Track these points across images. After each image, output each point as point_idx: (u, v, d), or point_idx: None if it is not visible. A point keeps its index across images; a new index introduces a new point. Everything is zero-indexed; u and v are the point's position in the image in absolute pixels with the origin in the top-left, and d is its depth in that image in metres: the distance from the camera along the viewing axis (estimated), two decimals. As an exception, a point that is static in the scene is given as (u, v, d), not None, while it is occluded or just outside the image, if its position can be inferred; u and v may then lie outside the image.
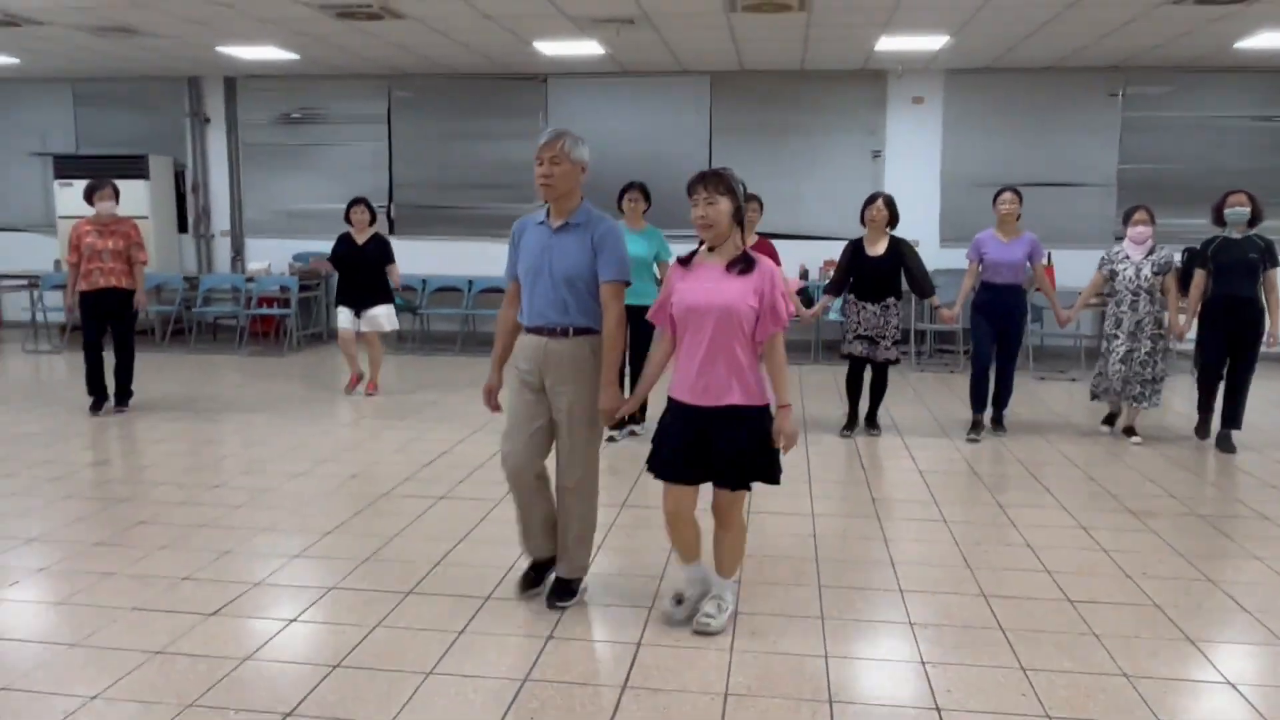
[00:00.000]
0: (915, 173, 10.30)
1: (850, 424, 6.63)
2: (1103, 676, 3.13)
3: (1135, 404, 6.27)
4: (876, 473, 5.70)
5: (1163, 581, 3.96)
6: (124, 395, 7.19)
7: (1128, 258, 6.22)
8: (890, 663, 3.25)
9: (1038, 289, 6.77)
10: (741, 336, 3.19)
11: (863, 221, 6.40)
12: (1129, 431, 6.42)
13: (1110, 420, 6.67)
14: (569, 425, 3.49)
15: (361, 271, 7.68)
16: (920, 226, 9.88)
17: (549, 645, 3.33)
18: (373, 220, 7.76)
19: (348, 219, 7.71)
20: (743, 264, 3.22)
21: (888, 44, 8.83)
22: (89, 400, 7.06)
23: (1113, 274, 6.29)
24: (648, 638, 3.40)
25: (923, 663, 3.23)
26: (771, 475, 3.30)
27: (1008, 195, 6.29)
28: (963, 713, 2.90)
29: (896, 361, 6.49)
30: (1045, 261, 6.81)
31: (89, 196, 6.98)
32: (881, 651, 3.34)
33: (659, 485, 3.39)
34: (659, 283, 6.00)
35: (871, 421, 6.65)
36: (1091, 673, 3.16)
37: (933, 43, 8.78)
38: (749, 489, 3.30)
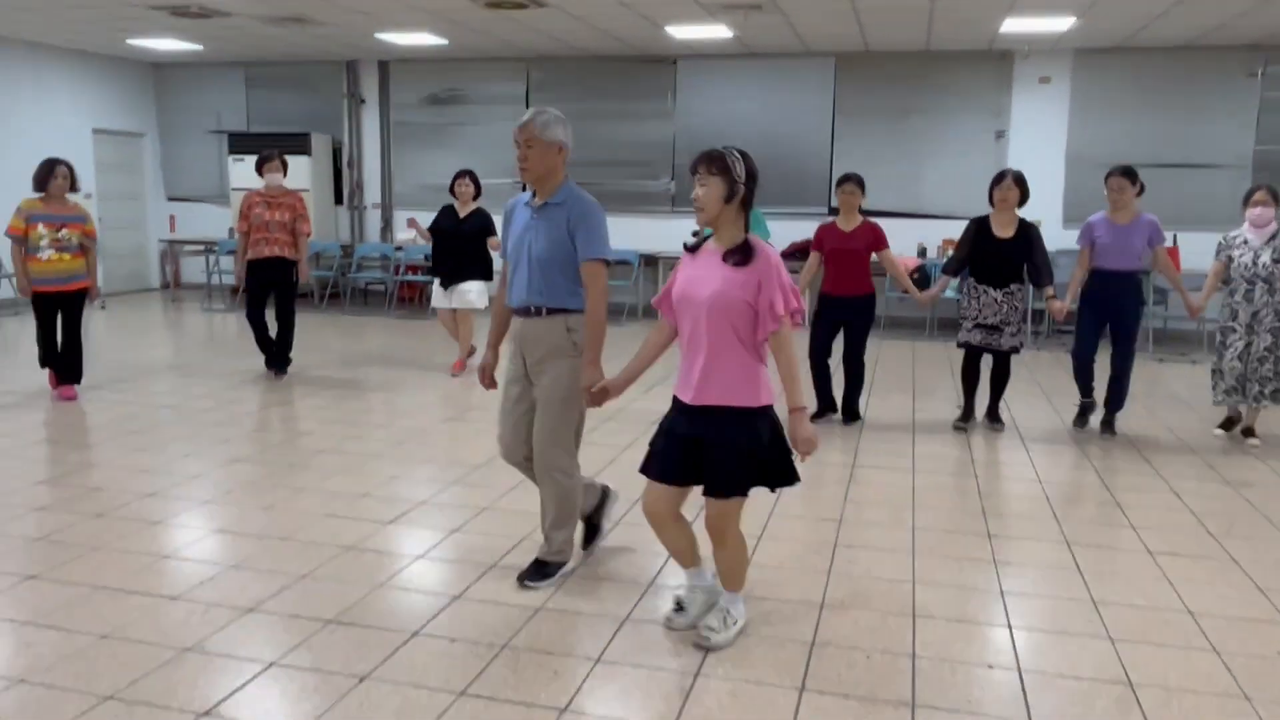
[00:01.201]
0: (1040, 153, 10.34)
1: (965, 416, 6.26)
2: (1168, 612, 3.47)
3: (1256, 404, 5.82)
4: (978, 439, 6.00)
5: (1243, 540, 4.21)
6: (283, 363, 7.43)
7: (1246, 242, 5.79)
8: (971, 590, 3.66)
9: (1158, 271, 6.29)
10: (735, 332, 2.94)
11: (991, 201, 5.97)
12: (1248, 433, 5.96)
13: (1228, 425, 6.14)
14: (544, 403, 3.48)
15: (458, 245, 7.45)
16: (1044, 207, 9.94)
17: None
18: (477, 194, 7.51)
19: (452, 191, 7.49)
20: (739, 254, 2.94)
21: (1013, 25, 8.94)
22: (262, 359, 7.52)
23: (1230, 260, 5.86)
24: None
25: (1001, 592, 3.62)
26: (785, 477, 3.05)
27: (1120, 178, 5.86)
28: (1032, 631, 3.30)
29: (1018, 350, 6.06)
30: (1168, 244, 6.36)
31: (259, 167, 7.42)
32: (965, 580, 3.74)
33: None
34: None
35: (993, 415, 6.22)
36: (1158, 608, 3.50)
37: (1059, 23, 8.85)
38: (744, 495, 3.04)
